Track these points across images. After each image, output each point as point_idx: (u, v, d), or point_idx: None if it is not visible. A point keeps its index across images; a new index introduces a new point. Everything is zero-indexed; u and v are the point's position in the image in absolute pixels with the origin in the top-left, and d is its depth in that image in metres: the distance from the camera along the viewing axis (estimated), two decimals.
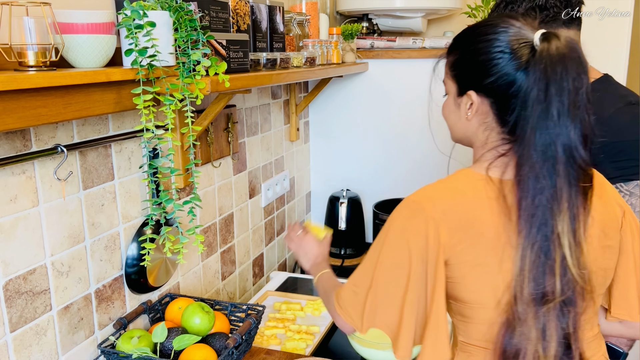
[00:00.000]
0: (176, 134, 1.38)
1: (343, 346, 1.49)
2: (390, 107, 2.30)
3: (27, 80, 0.85)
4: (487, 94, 0.95)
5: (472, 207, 0.92)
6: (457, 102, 1.02)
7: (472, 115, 0.98)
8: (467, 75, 0.98)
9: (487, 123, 0.97)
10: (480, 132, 0.98)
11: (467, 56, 0.98)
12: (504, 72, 0.91)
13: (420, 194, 0.96)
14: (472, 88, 0.97)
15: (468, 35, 0.99)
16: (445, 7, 2.27)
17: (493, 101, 0.94)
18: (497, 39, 0.93)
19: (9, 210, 1.03)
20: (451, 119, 1.06)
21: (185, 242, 1.22)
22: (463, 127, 1.02)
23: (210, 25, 1.26)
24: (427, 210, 0.92)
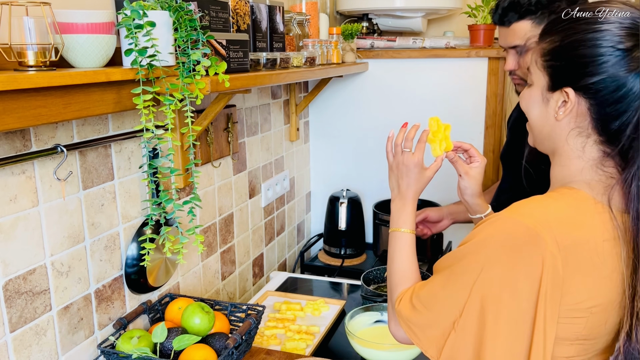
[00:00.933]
0: (176, 134, 1.38)
1: (343, 346, 1.49)
2: (390, 107, 2.30)
3: (27, 80, 0.85)
4: (588, 94, 0.82)
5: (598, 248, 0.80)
6: (546, 97, 0.88)
7: (564, 116, 0.85)
8: (566, 68, 0.84)
9: (582, 128, 0.84)
10: (571, 137, 0.86)
11: (570, 46, 0.83)
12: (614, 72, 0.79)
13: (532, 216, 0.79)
14: (570, 85, 0.83)
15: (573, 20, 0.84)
16: (445, 7, 2.27)
17: (593, 103, 0.82)
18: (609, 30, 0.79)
19: (9, 210, 1.03)
20: (535, 114, 0.91)
21: (185, 242, 1.22)
22: (549, 127, 0.88)
23: (210, 25, 1.26)
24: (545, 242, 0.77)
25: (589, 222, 0.81)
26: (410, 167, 1.10)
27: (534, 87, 0.90)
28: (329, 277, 2.02)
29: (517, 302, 0.79)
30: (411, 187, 1.11)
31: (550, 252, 0.77)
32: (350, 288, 1.90)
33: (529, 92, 0.92)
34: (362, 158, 2.38)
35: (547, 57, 0.87)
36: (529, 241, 0.78)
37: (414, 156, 1.11)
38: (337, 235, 2.25)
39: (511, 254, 0.79)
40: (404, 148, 1.12)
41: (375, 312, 1.51)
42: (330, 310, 1.67)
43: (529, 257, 0.78)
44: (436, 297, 0.88)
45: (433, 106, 2.23)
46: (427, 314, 0.90)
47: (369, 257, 2.29)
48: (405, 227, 1.08)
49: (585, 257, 0.79)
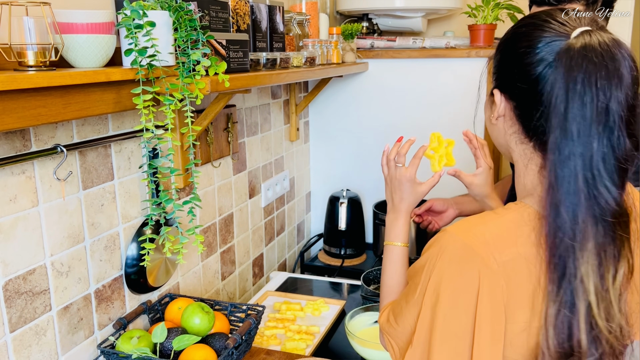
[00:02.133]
0: (176, 134, 1.38)
1: (343, 346, 1.49)
2: (390, 107, 2.30)
3: (26, 80, 0.85)
4: (511, 95, 0.84)
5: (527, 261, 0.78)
6: (490, 102, 0.91)
7: (495, 118, 0.87)
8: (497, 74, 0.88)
9: (517, 133, 0.85)
10: (514, 144, 0.87)
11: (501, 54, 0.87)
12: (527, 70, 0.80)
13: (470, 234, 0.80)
14: (497, 87, 0.87)
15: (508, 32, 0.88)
16: (445, 7, 2.27)
17: (515, 105, 0.84)
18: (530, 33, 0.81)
19: (9, 210, 1.03)
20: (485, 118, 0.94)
21: (185, 242, 1.22)
22: (493, 131, 0.91)
23: (210, 25, 1.26)
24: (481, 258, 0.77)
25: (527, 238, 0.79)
26: (403, 181, 1.12)
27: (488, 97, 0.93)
28: (329, 277, 2.02)
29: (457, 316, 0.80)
30: (404, 201, 1.12)
31: (487, 267, 0.77)
32: (350, 288, 1.90)
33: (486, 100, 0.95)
34: (362, 158, 2.38)
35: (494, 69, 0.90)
36: (465, 257, 0.79)
37: (406, 171, 1.12)
38: (337, 235, 2.25)
39: (450, 269, 0.81)
40: (396, 163, 1.14)
41: (375, 312, 1.51)
42: (330, 310, 1.67)
43: (466, 272, 0.79)
44: (402, 310, 0.90)
45: (433, 106, 2.23)
46: (396, 327, 0.92)
47: (369, 257, 2.29)
48: (397, 240, 1.10)
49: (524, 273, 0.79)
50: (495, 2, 2.08)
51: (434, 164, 1.18)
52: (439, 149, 1.19)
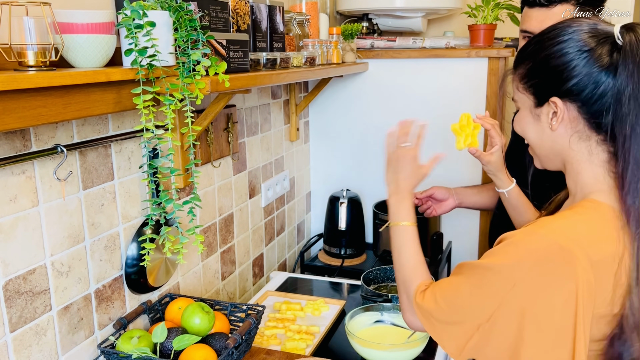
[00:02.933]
0: (176, 134, 1.38)
1: (343, 346, 1.49)
2: (390, 107, 2.30)
3: (27, 80, 0.85)
4: (572, 98, 0.88)
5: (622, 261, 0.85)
6: (536, 114, 0.94)
7: (558, 124, 0.90)
8: (544, 82, 0.91)
9: (580, 131, 0.89)
10: (574, 143, 0.91)
11: (542, 63, 0.91)
12: (587, 72, 0.85)
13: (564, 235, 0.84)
14: (554, 94, 0.89)
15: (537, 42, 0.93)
16: (445, 7, 2.27)
17: (580, 105, 0.88)
18: (572, 38, 0.87)
19: (9, 210, 1.03)
20: (531, 133, 0.96)
21: (185, 242, 1.22)
22: (549, 140, 0.93)
23: (210, 25, 1.26)
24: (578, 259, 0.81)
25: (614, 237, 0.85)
26: (408, 159, 1.16)
27: (522, 110, 0.97)
28: (329, 277, 2.02)
29: (551, 315, 0.84)
30: (407, 180, 1.15)
31: (582, 268, 0.81)
32: (350, 288, 1.90)
33: (519, 116, 0.98)
34: (362, 158, 2.38)
35: (525, 79, 0.94)
36: (563, 259, 0.82)
37: (411, 150, 1.17)
38: (337, 235, 2.25)
39: (546, 271, 0.83)
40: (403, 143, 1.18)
41: (375, 312, 1.51)
42: (330, 310, 1.67)
43: (564, 274, 0.82)
44: (462, 299, 0.92)
45: (433, 106, 2.23)
46: (450, 312, 0.94)
47: (369, 257, 2.29)
48: (407, 220, 1.12)
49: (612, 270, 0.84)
50: (495, 2, 2.08)
51: (459, 140, 1.27)
52: (465, 129, 1.27)
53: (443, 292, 0.96)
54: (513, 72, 0.98)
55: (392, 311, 1.50)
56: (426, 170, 1.16)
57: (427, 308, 0.98)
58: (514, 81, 0.97)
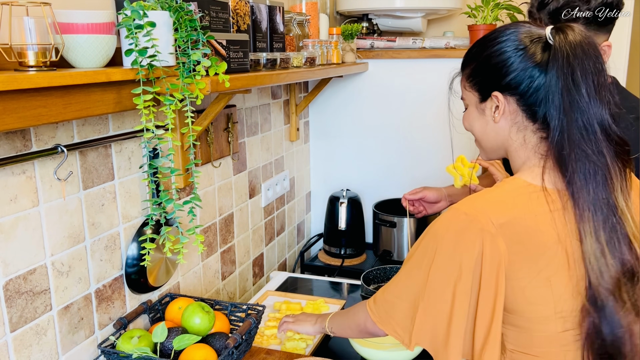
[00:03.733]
0: (176, 134, 1.38)
1: (343, 346, 1.49)
2: (390, 107, 2.30)
3: (27, 80, 0.85)
4: (511, 91, 0.96)
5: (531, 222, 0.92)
6: (481, 109, 1.03)
7: (500, 117, 0.99)
8: (486, 79, 0.99)
9: (519, 122, 0.98)
10: (513, 133, 0.99)
11: (482, 62, 1.00)
12: (523, 67, 0.94)
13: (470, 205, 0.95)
14: (495, 89, 0.98)
15: (479, 45, 1.02)
16: (445, 7, 2.27)
17: (519, 97, 0.96)
18: (508, 39, 0.96)
19: (9, 210, 1.03)
20: (477, 127, 1.06)
21: (185, 242, 1.22)
22: (493, 132, 1.02)
23: (210, 25, 1.26)
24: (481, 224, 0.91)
25: (519, 202, 0.94)
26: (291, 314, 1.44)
27: (469, 107, 1.06)
28: (329, 277, 2.02)
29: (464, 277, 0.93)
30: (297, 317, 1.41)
31: (487, 231, 0.90)
32: (350, 288, 1.90)
33: (467, 114, 1.07)
34: (362, 158, 2.39)
35: (470, 78, 1.03)
36: (467, 224, 0.92)
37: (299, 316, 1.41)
38: (337, 235, 2.25)
39: (454, 237, 0.94)
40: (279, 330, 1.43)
41: None
42: (331, 310, 1.67)
43: (469, 237, 0.92)
44: (402, 285, 1.02)
45: (433, 106, 2.23)
46: (394, 300, 1.03)
47: (369, 257, 2.30)
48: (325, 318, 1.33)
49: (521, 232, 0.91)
50: (495, 3, 2.08)
51: (456, 179, 1.39)
52: (460, 169, 1.39)
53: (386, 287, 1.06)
54: (461, 73, 1.07)
55: None
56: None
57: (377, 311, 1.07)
58: (462, 81, 1.06)
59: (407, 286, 1.01)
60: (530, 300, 0.94)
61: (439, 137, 2.23)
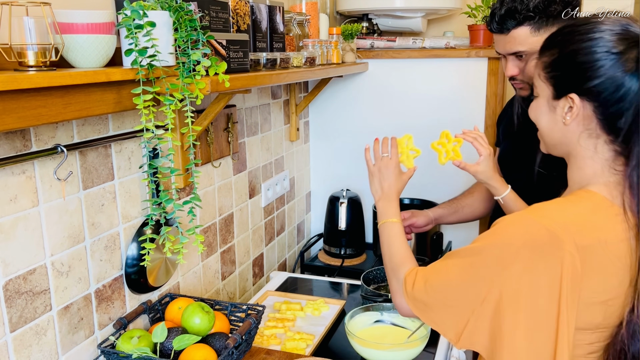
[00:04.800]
0: (176, 134, 1.38)
1: (343, 346, 1.49)
2: (390, 107, 2.30)
3: (27, 80, 0.85)
4: (591, 97, 0.89)
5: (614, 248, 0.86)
6: (552, 105, 0.95)
7: (572, 120, 0.92)
8: (567, 76, 0.91)
9: (591, 130, 0.91)
10: (583, 139, 0.92)
11: (568, 56, 0.91)
12: (611, 75, 0.86)
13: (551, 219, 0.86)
14: (574, 90, 0.90)
15: (568, 33, 0.92)
16: (445, 7, 2.27)
17: (597, 105, 0.89)
18: (602, 37, 0.87)
19: (9, 210, 1.03)
20: (544, 122, 0.98)
21: (185, 242, 1.22)
22: (559, 133, 0.95)
23: (210, 25, 1.26)
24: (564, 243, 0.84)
25: (604, 224, 0.87)
26: (390, 168, 1.26)
27: (540, 98, 0.97)
28: (329, 277, 2.02)
29: (536, 299, 0.86)
30: (392, 186, 1.26)
31: (569, 252, 0.83)
32: (350, 288, 1.90)
33: (536, 104, 0.99)
34: (362, 158, 2.37)
35: (548, 69, 0.94)
36: (549, 243, 0.84)
37: (391, 160, 1.27)
38: (337, 235, 2.25)
39: (532, 254, 0.85)
40: (382, 153, 1.29)
41: (375, 312, 1.51)
42: (330, 310, 1.67)
43: (549, 258, 0.84)
44: (453, 285, 0.95)
45: (433, 106, 2.23)
46: (442, 299, 0.97)
47: (369, 257, 2.30)
48: (394, 217, 1.21)
49: (601, 257, 0.86)
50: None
51: (440, 156, 1.34)
52: (445, 145, 1.34)
53: (433, 279, 0.99)
54: (538, 57, 0.97)
55: (392, 311, 1.51)
56: (406, 178, 1.27)
57: (418, 297, 1.00)
58: (537, 67, 0.97)
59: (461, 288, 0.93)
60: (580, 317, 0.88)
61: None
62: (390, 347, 1.37)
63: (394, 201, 1.23)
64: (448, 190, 2.04)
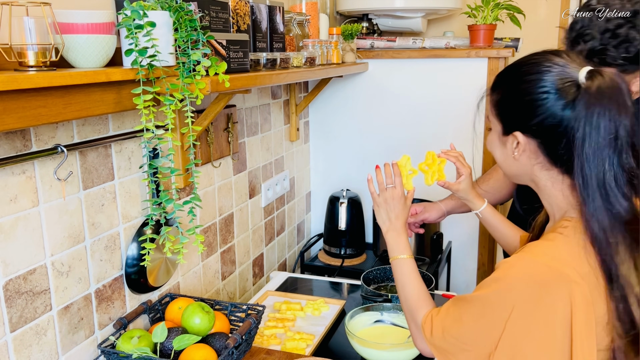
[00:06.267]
0: (176, 134, 1.38)
1: (343, 346, 1.49)
2: (390, 107, 2.30)
3: (27, 80, 0.85)
4: (534, 134, 0.94)
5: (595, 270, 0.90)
6: (503, 141, 1.00)
7: (520, 155, 0.97)
8: (511, 115, 0.97)
9: (541, 163, 0.96)
10: (538, 171, 0.97)
11: (511, 96, 0.96)
12: (551, 113, 0.90)
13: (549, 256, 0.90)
14: (518, 129, 0.95)
15: (511, 74, 0.98)
16: (445, 7, 2.28)
17: (540, 142, 0.94)
18: (541, 79, 0.91)
19: (9, 210, 1.03)
20: (498, 155, 1.03)
21: (185, 242, 1.22)
22: (513, 165, 1.00)
23: (210, 25, 1.26)
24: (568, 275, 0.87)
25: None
26: (397, 199, 1.26)
27: (493, 132, 1.03)
28: (329, 277, 2.02)
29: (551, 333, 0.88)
30: (400, 217, 1.25)
31: (575, 282, 0.86)
32: (350, 288, 1.90)
33: (490, 136, 1.04)
34: (362, 158, 2.39)
35: (496, 106, 1.00)
36: (553, 278, 0.87)
37: (396, 190, 1.26)
38: (337, 235, 2.25)
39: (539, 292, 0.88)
40: (387, 185, 1.27)
41: (375, 312, 1.51)
42: (330, 310, 1.68)
43: (556, 292, 0.87)
44: (468, 332, 0.97)
45: (433, 106, 2.23)
46: (460, 345, 0.98)
47: (369, 257, 2.30)
48: (405, 253, 1.21)
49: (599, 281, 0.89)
50: (495, 3, 2.08)
51: (427, 178, 1.38)
52: (432, 166, 1.38)
53: (449, 327, 1.01)
54: (490, 94, 1.03)
55: (392, 311, 1.51)
56: (409, 202, 1.28)
57: (438, 344, 1.03)
58: (489, 103, 1.03)
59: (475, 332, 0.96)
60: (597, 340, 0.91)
61: (439, 137, 2.23)
62: (390, 347, 1.37)
63: (403, 233, 1.24)
64: None
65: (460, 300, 1.01)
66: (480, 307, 0.95)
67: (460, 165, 1.41)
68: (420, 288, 1.16)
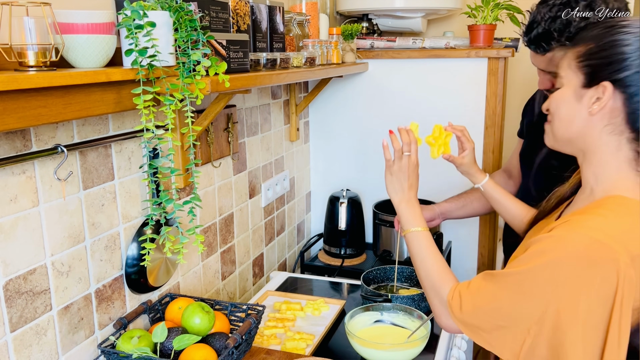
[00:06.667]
0: (176, 134, 1.38)
1: (343, 346, 1.49)
2: (390, 107, 2.30)
3: (27, 80, 0.85)
4: (624, 88, 0.89)
5: None
6: (579, 94, 0.95)
7: (598, 109, 0.92)
8: (603, 65, 0.91)
9: (615, 124, 0.92)
10: (605, 134, 0.93)
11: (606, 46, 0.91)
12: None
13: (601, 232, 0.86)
14: (608, 79, 0.91)
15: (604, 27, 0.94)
16: (445, 7, 2.28)
17: (628, 97, 0.89)
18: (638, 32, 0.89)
19: (9, 210, 1.03)
20: (564, 112, 0.97)
21: (185, 242, 1.22)
22: (580, 125, 0.95)
23: (210, 25, 1.26)
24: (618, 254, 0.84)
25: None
26: (412, 167, 1.23)
27: (565, 88, 0.97)
28: (329, 277, 2.02)
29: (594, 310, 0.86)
30: (413, 186, 1.23)
31: (624, 262, 0.84)
32: (350, 288, 1.91)
33: (559, 93, 0.98)
34: (362, 158, 2.39)
35: (582, 57, 0.95)
36: (604, 255, 0.85)
37: (412, 158, 1.23)
38: (337, 235, 2.25)
39: (588, 268, 0.85)
40: (404, 152, 1.22)
41: (375, 312, 1.51)
42: (330, 310, 1.68)
43: (606, 270, 0.84)
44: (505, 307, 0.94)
45: (433, 106, 2.23)
46: (495, 321, 0.95)
47: (369, 257, 2.30)
48: (420, 226, 1.17)
49: None
50: (495, 3, 2.08)
51: (433, 151, 1.38)
52: (439, 139, 1.39)
53: (482, 303, 0.98)
54: (568, 48, 0.98)
55: (392, 311, 1.51)
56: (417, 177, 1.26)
57: (469, 321, 0.99)
58: (566, 58, 0.97)
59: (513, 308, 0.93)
60: None
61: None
62: (390, 347, 1.37)
63: (416, 204, 1.20)
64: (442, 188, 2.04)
65: (494, 276, 0.97)
66: (521, 282, 0.92)
67: (465, 139, 1.43)
68: (441, 262, 1.12)
